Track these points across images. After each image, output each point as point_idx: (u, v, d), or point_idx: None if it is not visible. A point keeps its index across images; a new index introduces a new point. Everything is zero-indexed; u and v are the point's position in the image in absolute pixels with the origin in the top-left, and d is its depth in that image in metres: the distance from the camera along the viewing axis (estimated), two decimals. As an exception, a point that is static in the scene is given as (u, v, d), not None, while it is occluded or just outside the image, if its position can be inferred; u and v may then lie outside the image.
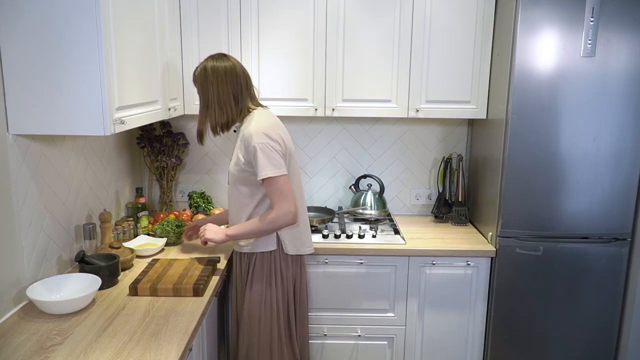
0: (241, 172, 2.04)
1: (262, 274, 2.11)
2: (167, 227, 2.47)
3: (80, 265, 1.98)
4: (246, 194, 2.07)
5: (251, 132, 1.98)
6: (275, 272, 2.12)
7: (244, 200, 2.09)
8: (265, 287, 2.11)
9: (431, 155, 3.04)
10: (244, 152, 2.01)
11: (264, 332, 2.12)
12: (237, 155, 2.05)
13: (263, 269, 2.12)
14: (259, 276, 2.12)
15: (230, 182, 2.12)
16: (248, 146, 1.98)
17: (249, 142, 1.97)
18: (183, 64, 2.61)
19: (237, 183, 2.08)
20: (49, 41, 1.65)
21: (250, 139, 1.97)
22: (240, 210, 2.11)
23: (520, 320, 2.54)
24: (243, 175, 2.05)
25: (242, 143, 2.01)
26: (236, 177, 2.07)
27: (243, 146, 2.01)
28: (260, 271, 2.12)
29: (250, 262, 2.14)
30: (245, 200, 2.08)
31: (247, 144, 1.98)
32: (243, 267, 2.17)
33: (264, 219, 2.00)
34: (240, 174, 2.05)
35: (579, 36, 2.29)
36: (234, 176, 2.08)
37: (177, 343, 1.58)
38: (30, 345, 1.54)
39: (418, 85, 2.64)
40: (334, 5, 2.56)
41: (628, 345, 2.52)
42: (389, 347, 2.64)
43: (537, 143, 2.39)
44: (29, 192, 1.85)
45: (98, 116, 1.70)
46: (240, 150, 2.03)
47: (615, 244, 2.47)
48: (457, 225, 2.88)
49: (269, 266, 2.12)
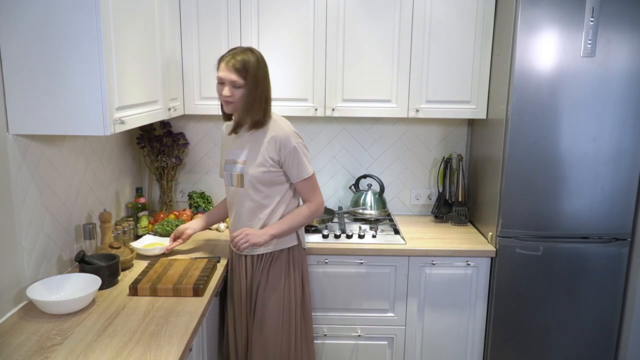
0: (266, 174, 2.03)
1: (281, 271, 2.12)
2: (167, 227, 2.47)
3: (80, 265, 1.98)
4: (266, 195, 2.06)
5: (287, 134, 2.01)
6: (295, 267, 2.15)
7: (263, 201, 2.07)
8: (284, 284, 2.12)
9: (431, 155, 3.04)
10: (276, 153, 2.01)
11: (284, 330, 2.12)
12: (263, 156, 2.02)
13: (282, 265, 2.12)
14: (277, 273, 2.11)
15: (246, 184, 2.06)
16: (285, 147, 2.00)
17: (287, 143, 2.00)
18: (183, 64, 2.61)
19: (258, 184, 2.05)
20: (49, 41, 1.65)
21: (288, 140, 2.00)
22: (255, 213, 2.09)
23: (520, 320, 2.54)
24: (267, 177, 2.03)
25: (274, 144, 2.01)
26: (257, 178, 2.04)
27: (275, 147, 2.01)
28: (279, 268, 2.12)
29: (268, 261, 2.12)
30: (264, 201, 2.07)
31: (283, 145, 2.00)
32: (256, 269, 2.14)
33: (303, 212, 2.09)
34: (264, 175, 2.03)
35: (579, 36, 2.29)
36: (254, 178, 2.04)
37: (177, 343, 1.58)
38: (30, 345, 1.54)
39: (418, 85, 2.64)
40: (334, 5, 2.56)
41: (628, 345, 2.52)
42: (389, 347, 2.64)
43: (537, 143, 2.39)
44: (29, 192, 1.85)
45: (98, 116, 1.70)
46: (267, 151, 2.01)
47: (615, 244, 2.47)
48: (457, 225, 2.88)
49: (287, 262, 2.13)
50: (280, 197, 2.08)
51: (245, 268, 2.16)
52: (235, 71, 1.94)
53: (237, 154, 2.09)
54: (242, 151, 2.07)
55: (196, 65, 2.62)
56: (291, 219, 2.09)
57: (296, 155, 2.02)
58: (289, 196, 2.12)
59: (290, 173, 2.05)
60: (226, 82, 1.96)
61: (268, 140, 2.02)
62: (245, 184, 2.06)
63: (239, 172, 2.07)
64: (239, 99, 1.97)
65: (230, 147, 2.13)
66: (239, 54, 1.96)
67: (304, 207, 2.11)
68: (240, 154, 2.07)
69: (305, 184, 2.07)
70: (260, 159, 2.02)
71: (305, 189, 2.09)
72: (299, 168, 2.03)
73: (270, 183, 2.05)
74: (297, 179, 2.06)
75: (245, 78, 1.94)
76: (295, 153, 2.01)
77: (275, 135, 2.01)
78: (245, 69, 1.95)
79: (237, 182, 2.09)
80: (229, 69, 1.94)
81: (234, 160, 2.09)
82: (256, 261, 2.14)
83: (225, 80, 1.96)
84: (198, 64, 2.61)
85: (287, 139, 2.00)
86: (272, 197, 2.07)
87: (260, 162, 2.02)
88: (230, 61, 1.95)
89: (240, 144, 2.09)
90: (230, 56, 1.96)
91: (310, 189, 2.09)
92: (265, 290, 2.11)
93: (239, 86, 1.95)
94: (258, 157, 2.03)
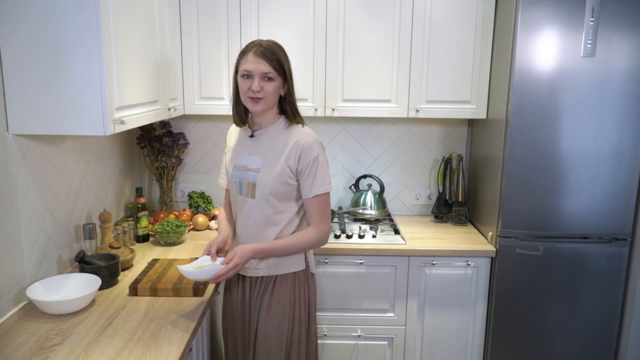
0: (282, 185, 1.79)
1: (285, 299, 1.86)
2: (167, 227, 2.47)
3: (80, 265, 1.98)
4: (278, 210, 1.82)
5: (311, 142, 1.79)
6: (300, 294, 1.89)
7: (274, 217, 1.82)
8: (289, 313, 1.87)
9: (431, 155, 3.04)
10: (295, 161, 1.78)
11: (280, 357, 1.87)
12: (282, 165, 1.78)
13: (287, 292, 1.86)
14: (281, 300, 1.86)
15: (258, 195, 1.81)
16: (306, 156, 1.77)
17: (309, 152, 1.77)
18: (183, 64, 2.61)
19: (271, 197, 1.80)
20: (49, 41, 1.65)
21: (310, 148, 1.78)
22: (264, 228, 1.84)
23: (520, 320, 2.54)
24: (283, 189, 1.80)
25: (294, 151, 1.78)
26: (271, 189, 1.79)
27: (296, 155, 1.78)
28: (283, 295, 1.86)
29: (269, 285, 1.87)
30: (275, 217, 1.83)
31: (304, 152, 1.77)
32: (254, 292, 1.90)
33: (304, 237, 1.82)
34: (280, 187, 1.79)
35: (579, 36, 2.29)
36: (268, 188, 1.79)
37: (177, 343, 1.58)
38: (30, 345, 1.54)
39: (418, 85, 2.64)
40: (334, 5, 2.56)
41: (628, 345, 2.52)
42: (389, 347, 2.64)
43: (537, 143, 2.39)
44: (29, 192, 1.85)
45: (98, 116, 1.70)
46: (287, 160, 1.78)
47: (615, 244, 2.47)
48: (457, 225, 2.88)
49: (293, 288, 1.87)
50: (292, 215, 1.84)
51: (240, 288, 1.95)
52: (267, 60, 1.71)
53: (251, 160, 1.85)
54: (257, 157, 1.83)
55: (196, 65, 2.62)
56: (289, 240, 1.82)
57: (315, 167, 1.78)
58: (300, 216, 1.88)
59: (304, 186, 1.80)
60: (255, 75, 1.72)
61: (290, 147, 1.78)
62: (257, 194, 1.82)
63: (251, 180, 1.82)
64: (271, 94, 1.74)
65: (241, 152, 1.89)
66: (266, 43, 1.75)
67: (310, 231, 1.83)
68: (255, 161, 1.83)
69: (315, 202, 1.80)
70: (278, 167, 1.79)
71: (315, 208, 1.81)
72: (315, 181, 1.78)
73: (284, 197, 1.81)
74: (309, 193, 1.80)
75: (278, 70, 1.73)
76: (315, 164, 1.78)
77: (297, 142, 1.78)
78: (278, 59, 1.74)
79: (248, 191, 1.84)
80: (258, 58, 1.71)
81: (245, 167, 1.85)
82: (254, 284, 1.90)
83: (254, 72, 1.72)
84: (198, 64, 2.61)
85: (309, 147, 1.78)
86: (284, 214, 1.83)
87: (278, 171, 1.78)
88: (259, 50, 1.72)
89: (256, 149, 1.85)
90: (256, 46, 1.74)
91: (321, 210, 1.82)
92: (266, 319, 1.86)
93: (271, 78, 1.73)
94: (276, 165, 1.79)
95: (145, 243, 2.54)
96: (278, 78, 1.75)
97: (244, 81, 1.75)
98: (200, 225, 2.75)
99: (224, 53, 2.60)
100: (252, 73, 1.73)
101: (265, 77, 1.73)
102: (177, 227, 2.49)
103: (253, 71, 1.73)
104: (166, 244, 2.50)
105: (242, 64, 1.76)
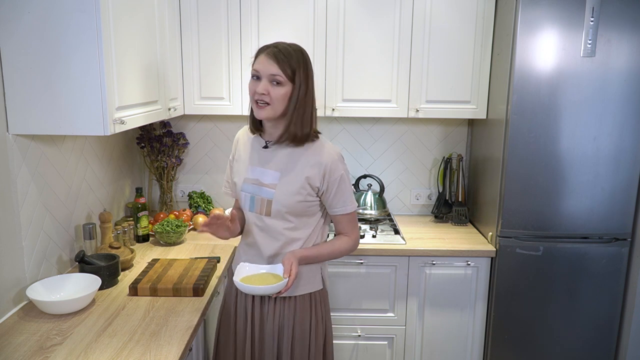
0: (300, 203, 1.68)
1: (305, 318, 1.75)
2: (167, 227, 2.47)
3: (80, 265, 1.98)
4: (295, 227, 1.71)
5: (335, 158, 1.68)
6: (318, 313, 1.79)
7: (292, 234, 1.71)
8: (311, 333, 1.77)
9: (431, 155, 3.04)
10: (320, 180, 1.67)
11: None
12: (302, 183, 1.66)
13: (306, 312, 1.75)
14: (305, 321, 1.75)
15: (274, 213, 1.69)
16: (332, 174, 1.67)
17: (335, 169, 1.68)
18: (183, 64, 2.61)
19: (288, 215, 1.69)
20: (49, 41, 1.65)
21: (336, 165, 1.68)
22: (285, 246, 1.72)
23: (520, 320, 2.54)
24: (302, 206, 1.69)
25: (318, 169, 1.66)
26: (289, 208, 1.68)
27: (320, 173, 1.67)
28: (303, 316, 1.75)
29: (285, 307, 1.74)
30: (293, 234, 1.71)
31: (330, 171, 1.67)
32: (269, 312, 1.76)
33: (342, 245, 1.77)
34: (298, 205, 1.68)
35: (579, 36, 2.29)
36: (285, 207, 1.68)
37: (177, 343, 1.58)
38: (30, 345, 1.54)
39: (418, 85, 2.64)
40: (333, 5, 2.56)
41: (628, 345, 2.52)
42: (389, 347, 2.64)
43: (537, 143, 2.39)
44: (29, 192, 1.85)
45: (98, 116, 1.70)
46: (309, 178, 1.66)
47: (615, 244, 2.47)
48: (457, 225, 2.88)
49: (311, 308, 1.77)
50: (312, 230, 1.74)
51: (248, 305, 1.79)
52: (276, 62, 1.58)
53: (265, 174, 1.70)
54: (272, 172, 1.69)
55: (196, 65, 2.62)
56: (330, 247, 1.76)
57: (343, 185, 1.70)
58: (319, 227, 1.77)
59: (332, 203, 1.72)
60: (263, 76, 1.59)
61: (312, 164, 1.66)
62: (272, 212, 1.69)
63: (266, 197, 1.69)
64: (277, 99, 1.60)
65: (252, 164, 1.74)
66: (283, 45, 1.62)
67: (346, 239, 1.77)
68: (270, 175, 1.69)
69: (347, 218, 1.75)
70: (297, 185, 1.66)
71: (346, 222, 1.76)
72: (345, 200, 1.71)
73: (301, 214, 1.70)
74: (339, 211, 1.73)
75: (288, 74, 1.59)
76: (343, 182, 1.69)
77: (322, 160, 1.67)
78: (290, 62, 1.59)
79: (262, 208, 1.70)
80: (268, 59, 1.58)
81: (258, 181, 1.71)
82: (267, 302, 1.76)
83: (262, 73, 1.59)
84: (198, 64, 2.61)
85: (335, 165, 1.67)
86: (302, 230, 1.72)
87: (297, 189, 1.66)
88: (272, 51, 1.59)
89: (271, 162, 1.71)
90: (272, 47, 1.62)
91: (351, 222, 1.77)
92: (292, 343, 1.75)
93: (280, 82, 1.59)
94: (296, 182, 1.67)
95: (145, 243, 2.54)
96: (288, 84, 1.60)
97: (253, 82, 1.63)
98: (200, 225, 2.74)
99: (224, 53, 2.60)
100: (260, 74, 1.60)
101: (274, 81, 1.59)
102: (177, 227, 2.49)
103: (261, 72, 1.60)
104: (166, 244, 2.50)
105: (254, 64, 1.64)
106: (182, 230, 2.50)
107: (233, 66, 2.61)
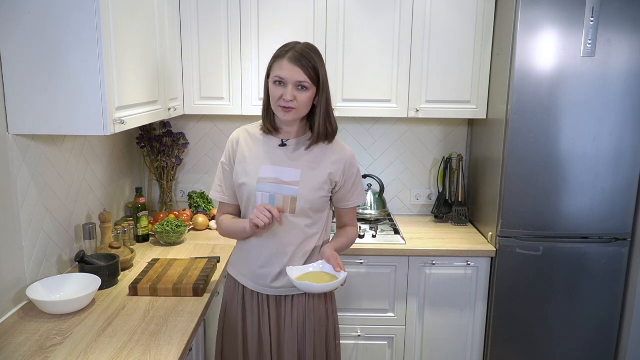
0: (321, 198, 1.73)
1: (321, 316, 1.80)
2: (167, 227, 2.47)
3: (80, 265, 1.98)
4: (314, 222, 1.75)
5: (352, 154, 1.78)
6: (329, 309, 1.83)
7: (309, 231, 1.74)
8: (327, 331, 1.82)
9: (431, 155, 3.04)
10: (341, 175, 1.74)
11: None
12: (324, 179, 1.71)
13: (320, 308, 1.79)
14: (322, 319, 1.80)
15: (299, 210, 1.70)
16: (351, 168, 1.76)
17: (353, 164, 1.77)
18: (183, 64, 2.61)
19: (310, 211, 1.72)
20: (49, 41, 1.65)
21: (354, 160, 1.77)
22: (302, 246, 1.75)
23: (520, 320, 2.54)
24: (322, 201, 1.74)
25: (339, 165, 1.73)
26: (312, 203, 1.71)
27: (341, 168, 1.73)
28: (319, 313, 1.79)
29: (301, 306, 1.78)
30: (310, 230, 1.75)
31: (350, 166, 1.75)
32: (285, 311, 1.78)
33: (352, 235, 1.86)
34: (320, 200, 1.72)
35: (579, 36, 2.29)
36: (309, 203, 1.70)
37: (177, 343, 1.58)
38: (30, 345, 1.54)
39: (418, 85, 2.64)
40: (333, 4, 2.56)
41: (628, 345, 2.52)
42: (389, 347, 2.64)
43: (537, 143, 2.39)
44: (29, 192, 1.85)
45: (98, 116, 1.70)
46: (332, 174, 1.72)
47: (615, 244, 2.47)
48: (457, 225, 2.88)
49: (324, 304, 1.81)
50: (324, 225, 1.79)
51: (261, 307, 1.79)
52: (301, 68, 1.59)
53: (284, 172, 1.70)
54: (293, 170, 1.70)
55: (196, 65, 2.62)
56: (346, 238, 1.84)
57: (358, 179, 1.80)
58: (328, 222, 1.83)
59: (346, 197, 1.79)
60: (289, 82, 1.59)
61: (334, 161, 1.72)
62: (297, 209, 1.70)
63: (289, 194, 1.69)
64: (304, 103, 1.62)
65: (268, 163, 1.72)
66: (301, 48, 1.62)
67: (354, 229, 1.87)
68: (291, 173, 1.70)
69: (354, 210, 1.86)
70: (320, 181, 1.71)
71: (353, 214, 1.86)
72: (359, 193, 1.81)
73: (319, 209, 1.75)
74: (352, 204, 1.81)
75: (313, 78, 1.61)
76: (359, 176, 1.80)
77: (342, 156, 1.74)
78: (314, 66, 1.61)
79: (285, 206, 1.70)
80: (293, 65, 1.58)
81: (277, 180, 1.70)
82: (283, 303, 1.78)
83: (287, 80, 1.59)
84: (198, 64, 2.61)
85: (353, 160, 1.77)
86: (317, 226, 1.76)
87: (320, 185, 1.71)
88: (294, 55, 1.59)
89: (291, 160, 1.72)
90: (292, 51, 1.61)
91: (353, 214, 1.87)
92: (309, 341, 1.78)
93: (306, 87, 1.61)
94: (319, 178, 1.71)
95: (145, 243, 2.54)
96: (313, 87, 1.62)
97: (276, 88, 1.62)
98: (200, 225, 2.75)
99: (224, 53, 2.60)
100: (285, 81, 1.60)
101: (300, 86, 1.60)
102: (177, 227, 2.49)
103: (287, 79, 1.59)
104: (166, 244, 2.50)
105: (276, 69, 1.62)
106: (182, 230, 2.50)
107: (233, 66, 2.61)
